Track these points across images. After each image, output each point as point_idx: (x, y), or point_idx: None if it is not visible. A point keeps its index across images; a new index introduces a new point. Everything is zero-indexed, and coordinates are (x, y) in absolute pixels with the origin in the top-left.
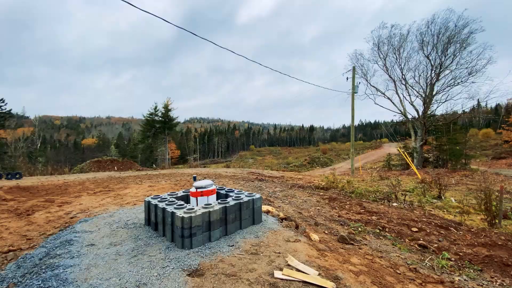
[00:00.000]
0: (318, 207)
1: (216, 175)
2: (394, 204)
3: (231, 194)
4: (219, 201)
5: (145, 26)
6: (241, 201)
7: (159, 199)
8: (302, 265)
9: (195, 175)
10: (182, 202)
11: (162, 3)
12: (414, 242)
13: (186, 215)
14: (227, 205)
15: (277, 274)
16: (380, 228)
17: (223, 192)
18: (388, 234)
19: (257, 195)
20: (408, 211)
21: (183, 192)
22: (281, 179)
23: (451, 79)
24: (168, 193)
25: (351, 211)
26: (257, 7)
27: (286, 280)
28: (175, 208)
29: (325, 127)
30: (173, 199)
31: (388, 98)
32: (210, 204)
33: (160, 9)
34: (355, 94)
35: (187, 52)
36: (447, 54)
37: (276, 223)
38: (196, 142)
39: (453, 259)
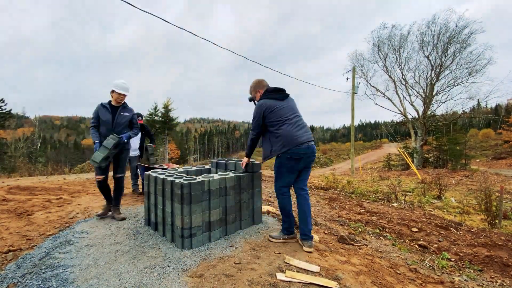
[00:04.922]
0: (318, 207)
1: None
2: (394, 204)
3: None
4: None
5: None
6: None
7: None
8: (303, 263)
9: None
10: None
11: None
12: (414, 242)
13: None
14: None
15: (280, 276)
16: (380, 228)
17: None
18: (388, 234)
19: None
20: (408, 211)
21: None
22: None
23: (451, 79)
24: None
25: (351, 211)
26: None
27: (288, 281)
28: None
29: (325, 127)
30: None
31: (388, 98)
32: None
33: None
34: (355, 95)
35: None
36: (447, 55)
37: (276, 223)
38: (196, 142)
39: (453, 259)
